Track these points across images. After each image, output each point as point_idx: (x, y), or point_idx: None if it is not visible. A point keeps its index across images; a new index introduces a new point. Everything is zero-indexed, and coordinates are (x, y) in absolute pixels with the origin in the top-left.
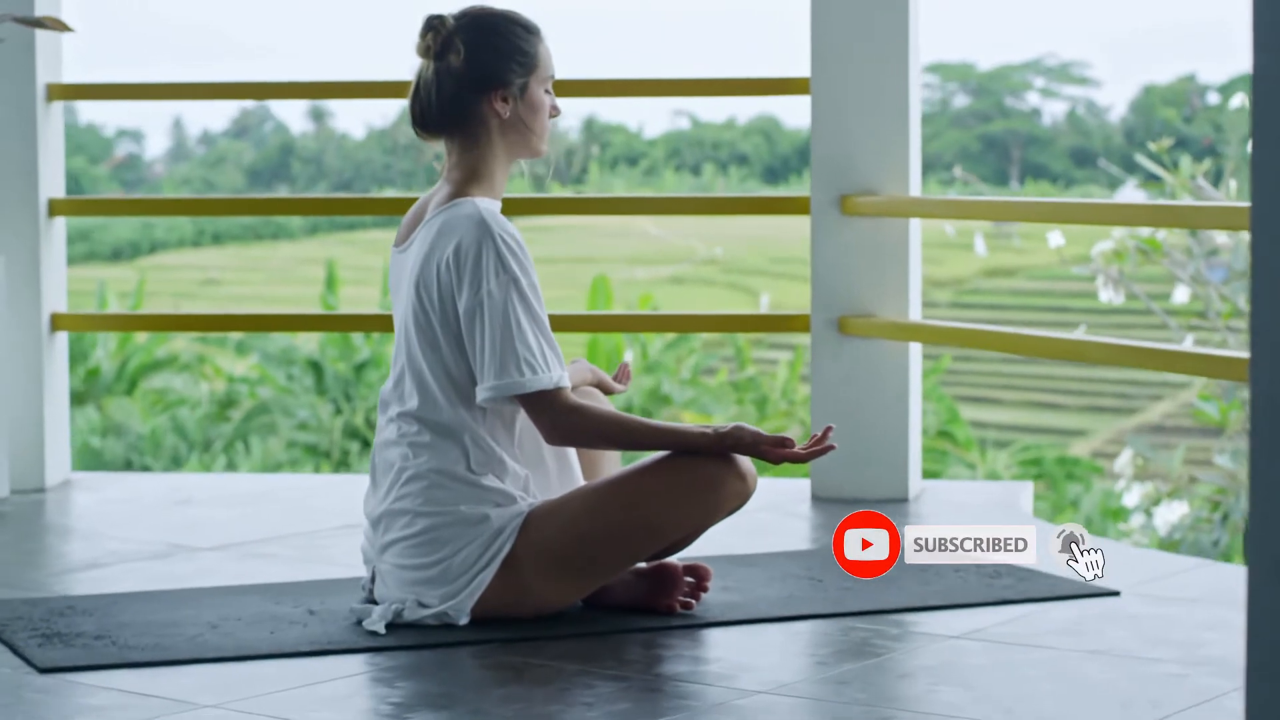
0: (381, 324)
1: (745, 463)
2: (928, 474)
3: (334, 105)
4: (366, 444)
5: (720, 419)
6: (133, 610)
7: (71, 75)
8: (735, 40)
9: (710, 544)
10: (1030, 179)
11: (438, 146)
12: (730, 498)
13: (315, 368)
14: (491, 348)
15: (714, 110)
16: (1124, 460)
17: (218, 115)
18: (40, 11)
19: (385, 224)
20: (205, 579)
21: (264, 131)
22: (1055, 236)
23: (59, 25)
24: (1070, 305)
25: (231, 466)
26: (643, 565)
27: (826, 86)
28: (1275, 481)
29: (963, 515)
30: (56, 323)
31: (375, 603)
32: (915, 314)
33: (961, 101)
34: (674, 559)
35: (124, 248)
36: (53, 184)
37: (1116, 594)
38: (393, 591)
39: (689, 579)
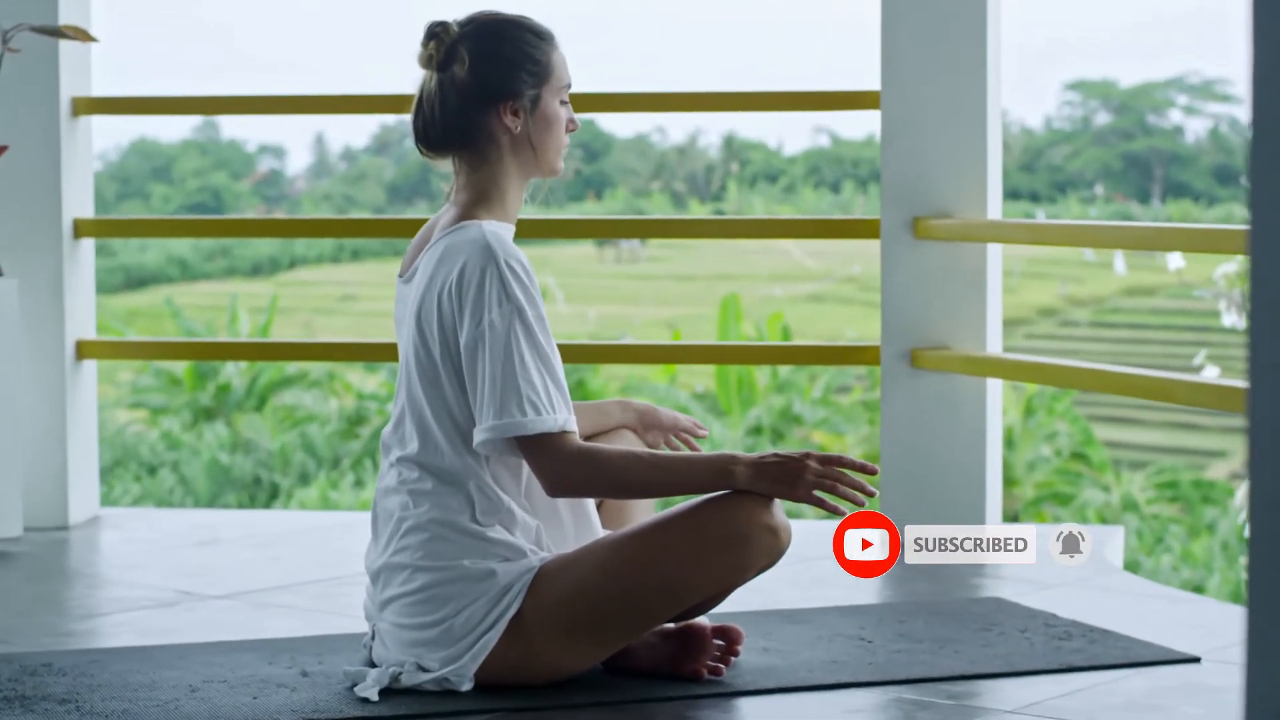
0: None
1: (778, 515)
2: (1059, 498)
3: None
4: None
5: (851, 440)
6: (113, 669)
7: (115, 89)
8: (773, 49)
9: (758, 595)
10: (1172, 198)
11: (445, 166)
12: (760, 555)
13: None
14: (491, 384)
15: (855, 127)
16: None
17: (359, 131)
18: (66, 21)
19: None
20: (204, 632)
21: (404, 148)
22: (1175, 259)
23: (82, 35)
24: (1209, 325)
25: (359, 485)
26: (670, 625)
27: (897, 100)
28: (1275, 502)
29: (1044, 563)
30: (82, 350)
31: (375, 665)
32: (994, 346)
33: (1103, 119)
34: (704, 618)
35: (263, 263)
36: (79, 203)
37: (1197, 660)
38: (391, 653)
39: (718, 642)
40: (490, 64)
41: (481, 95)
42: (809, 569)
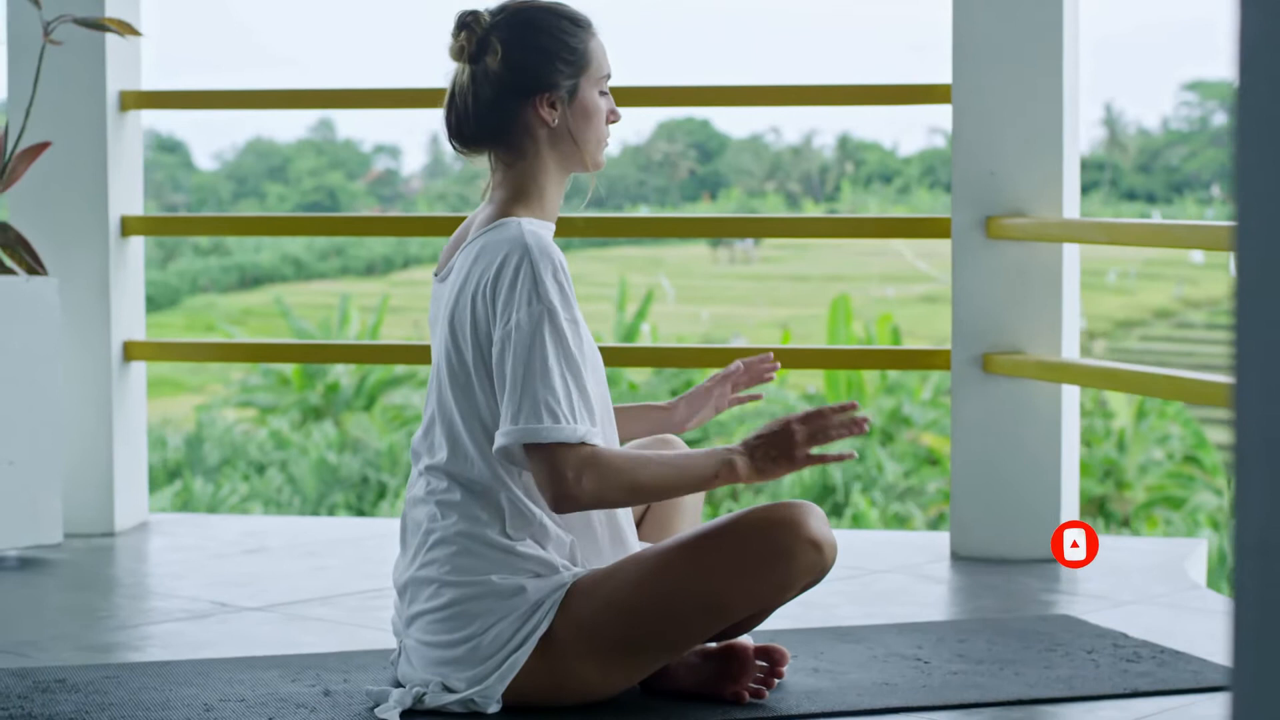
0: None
1: (821, 529)
2: (1171, 502)
3: None
4: None
5: None
6: (129, 686)
7: (167, 84)
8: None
9: (813, 611)
10: None
11: (481, 163)
12: (803, 571)
13: None
14: (512, 387)
15: None
16: None
17: None
18: (113, 15)
19: (635, 242)
20: (233, 647)
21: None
22: None
23: (126, 28)
24: None
25: None
26: (711, 644)
27: (969, 93)
28: (1261, 500)
29: (1121, 578)
30: (130, 351)
31: (400, 684)
32: (1070, 351)
33: (1221, 120)
34: (748, 637)
35: (377, 262)
36: (127, 200)
37: None
38: (417, 672)
39: (761, 663)
40: (524, 54)
41: (516, 87)
42: (872, 583)
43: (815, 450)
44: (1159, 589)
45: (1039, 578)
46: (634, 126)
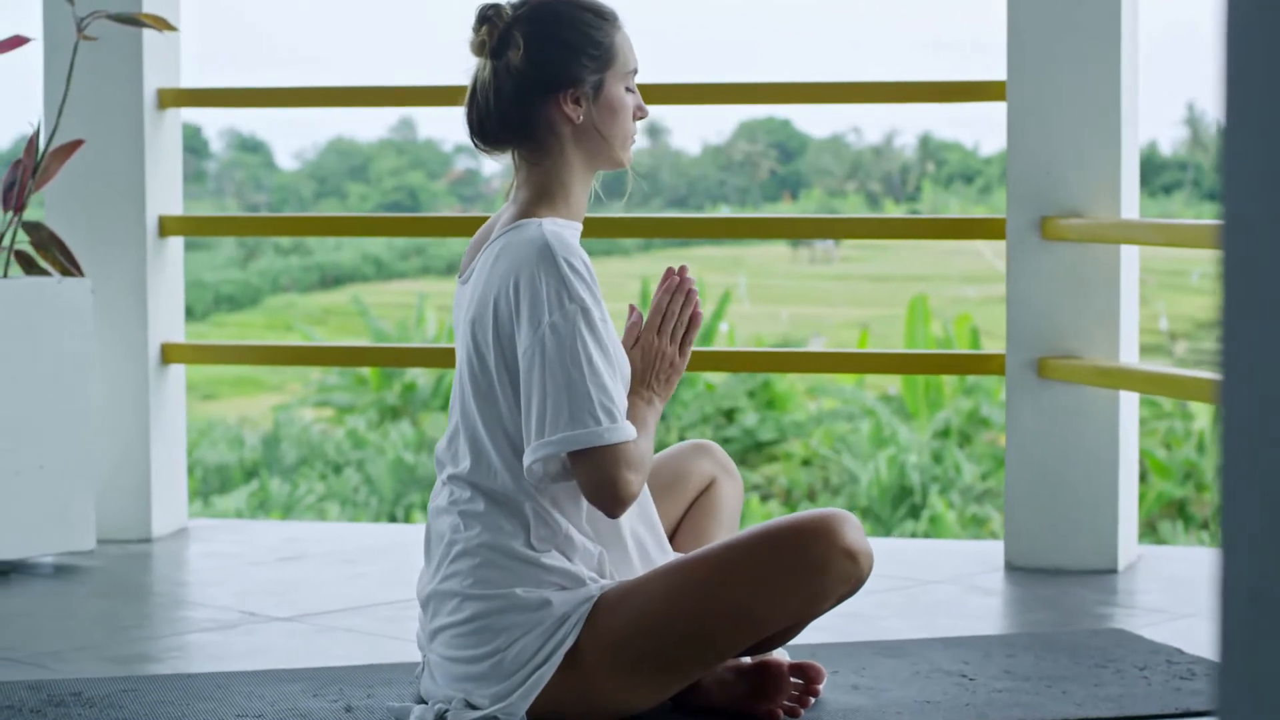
0: None
1: (856, 539)
2: None
3: (671, 122)
4: None
5: None
6: (146, 700)
7: (203, 81)
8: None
9: (857, 623)
10: None
11: (503, 161)
12: (838, 582)
13: None
14: (556, 391)
15: None
16: None
17: None
18: (150, 11)
19: (715, 242)
20: (258, 659)
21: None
22: None
23: (161, 24)
24: None
25: None
26: (745, 660)
27: (1025, 90)
28: (1245, 494)
29: (1181, 590)
30: (168, 354)
31: (424, 699)
32: (1128, 356)
33: None
34: (783, 653)
35: (457, 262)
36: (165, 199)
37: None
38: (440, 687)
39: (796, 680)
40: (548, 48)
41: (539, 83)
42: (921, 594)
43: (677, 350)
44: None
45: (1094, 589)
46: (715, 127)
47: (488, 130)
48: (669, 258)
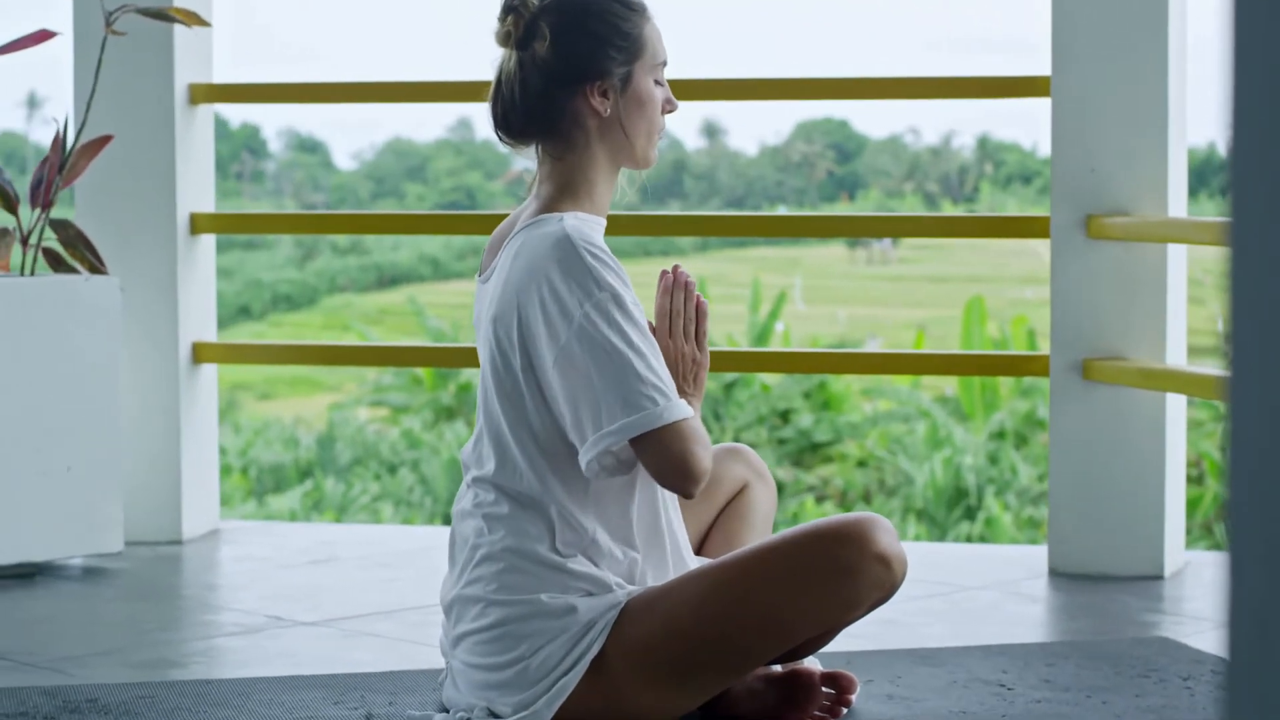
0: None
1: (889, 543)
2: None
3: (729, 123)
4: None
5: None
6: (161, 707)
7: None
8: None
9: (895, 630)
10: None
11: (527, 155)
12: (870, 588)
13: None
14: (603, 380)
15: None
16: None
17: None
18: (181, 5)
19: (772, 242)
20: (281, 665)
21: (658, 148)
22: None
23: (192, 19)
24: None
25: None
26: (776, 668)
27: (1070, 86)
28: (1252, 494)
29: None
30: (199, 354)
31: (446, 708)
32: (1176, 358)
33: None
34: (815, 662)
35: None
36: (197, 197)
37: None
38: (462, 695)
39: (828, 690)
40: (575, 39)
41: (566, 75)
42: (963, 600)
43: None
44: None
45: (1139, 596)
46: (772, 127)
47: (512, 123)
48: (726, 258)
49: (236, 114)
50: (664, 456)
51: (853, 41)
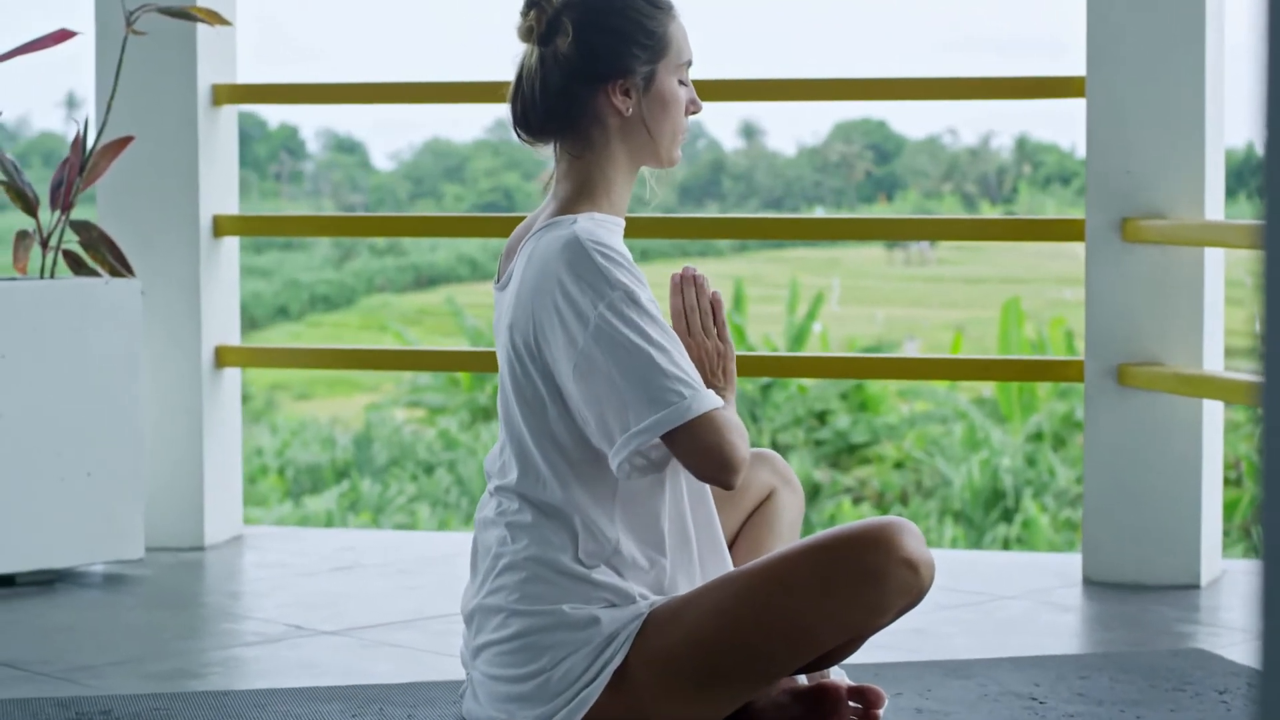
0: None
1: (916, 548)
2: None
3: (767, 124)
4: None
5: None
6: (177, 719)
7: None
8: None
9: (925, 641)
10: None
11: (546, 153)
12: (897, 594)
13: None
14: (628, 380)
15: None
16: None
17: None
18: (204, 4)
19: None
20: (299, 675)
21: (696, 148)
22: None
23: (213, 18)
24: None
25: None
26: (802, 681)
27: (1105, 86)
28: None
29: None
30: (222, 357)
31: None
32: (1212, 363)
33: None
34: (842, 674)
35: None
36: (220, 198)
37: None
38: (483, 707)
39: (854, 704)
40: (597, 36)
41: (588, 72)
42: (995, 610)
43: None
44: None
45: (1176, 606)
46: (810, 128)
47: (531, 120)
48: (764, 259)
49: (274, 115)
50: (698, 449)
51: (853, 43)
